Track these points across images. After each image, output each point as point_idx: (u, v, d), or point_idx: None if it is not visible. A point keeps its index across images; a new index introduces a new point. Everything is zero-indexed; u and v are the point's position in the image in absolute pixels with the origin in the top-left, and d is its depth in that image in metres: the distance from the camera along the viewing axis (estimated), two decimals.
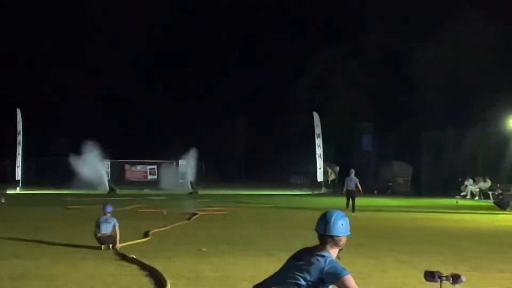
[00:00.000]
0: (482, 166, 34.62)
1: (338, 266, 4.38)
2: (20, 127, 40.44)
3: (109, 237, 12.36)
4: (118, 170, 44.72)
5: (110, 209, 12.93)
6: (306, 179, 47.73)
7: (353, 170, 23.47)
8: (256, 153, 60.37)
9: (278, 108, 57.70)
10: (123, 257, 11.15)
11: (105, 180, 39.12)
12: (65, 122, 55.92)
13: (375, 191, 36.48)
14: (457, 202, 29.50)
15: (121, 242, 12.41)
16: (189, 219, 18.89)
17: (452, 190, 33.42)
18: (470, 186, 33.00)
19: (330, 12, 57.37)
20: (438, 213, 23.17)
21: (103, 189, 37.58)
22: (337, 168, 44.44)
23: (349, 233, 4.58)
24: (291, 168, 53.12)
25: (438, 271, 4.63)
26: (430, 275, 4.62)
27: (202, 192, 36.42)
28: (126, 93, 59.89)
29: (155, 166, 47.00)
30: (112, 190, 36.39)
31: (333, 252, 4.50)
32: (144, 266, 10.02)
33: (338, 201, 25.41)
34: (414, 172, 40.13)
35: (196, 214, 20.39)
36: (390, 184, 38.97)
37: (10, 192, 33.65)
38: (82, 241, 13.18)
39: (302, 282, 4.36)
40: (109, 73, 58.35)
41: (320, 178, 41.08)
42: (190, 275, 9.54)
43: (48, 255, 11.57)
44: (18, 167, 40.23)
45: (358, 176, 23.19)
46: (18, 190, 37.62)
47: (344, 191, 23.82)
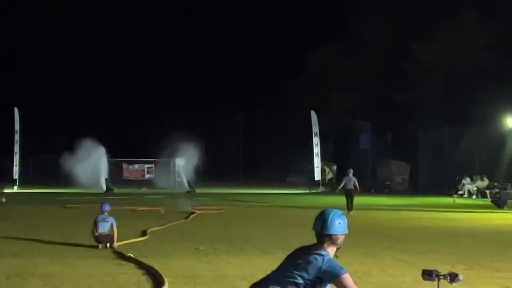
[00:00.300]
0: (479, 165, 34.63)
1: (336, 265, 4.37)
2: (17, 126, 40.43)
3: (106, 236, 12.34)
4: (115, 169, 44.69)
5: (107, 208, 12.92)
6: (303, 178, 47.72)
7: (351, 170, 23.41)
8: (253, 151, 60.40)
9: (275, 106, 57.72)
10: (121, 256, 11.13)
11: (102, 179, 39.12)
12: (62, 121, 55.88)
13: (372, 190, 36.48)
14: (454, 201, 29.46)
15: (118, 241, 12.40)
16: (186, 218, 18.89)
17: (449, 189, 33.41)
18: (468, 185, 32.98)
19: (328, 11, 57.52)
20: (436, 211, 23.15)
21: (100, 188, 37.57)
22: (334, 166, 44.40)
23: (346, 231, 4.58)
24: (289, 166, 53.12)
25: (435, 270, 4.63)
26: (427, 274, 4.62)
27: (200, 190, 36.42)
28: (124, 92, 59.91)
29: (153, 165, 47.00)
30: (109, 189, 36.37)
31: (330, 250, 4.50)
32: (141, 265, 10.00)
33: (335, 200, 25.35)
34: (411, 170, 40.10)
35: (193, 212, 20.40)
36: (388, 182, 38.94)
37: (7, 191, 33.65)
38: (79, 240, 13.16)
39: (300, 280, 4.35)
40: (107, 72, 58.37)
41: (317, 176, 41.06)
42: (187, 274, 9.53)
43: (45, 254, 11.55)
44: (16, 166, 40.27)
45: (355, 175, 23.15)
46: (15, 189, 37.67)
47: (337, 191, 23.65)
